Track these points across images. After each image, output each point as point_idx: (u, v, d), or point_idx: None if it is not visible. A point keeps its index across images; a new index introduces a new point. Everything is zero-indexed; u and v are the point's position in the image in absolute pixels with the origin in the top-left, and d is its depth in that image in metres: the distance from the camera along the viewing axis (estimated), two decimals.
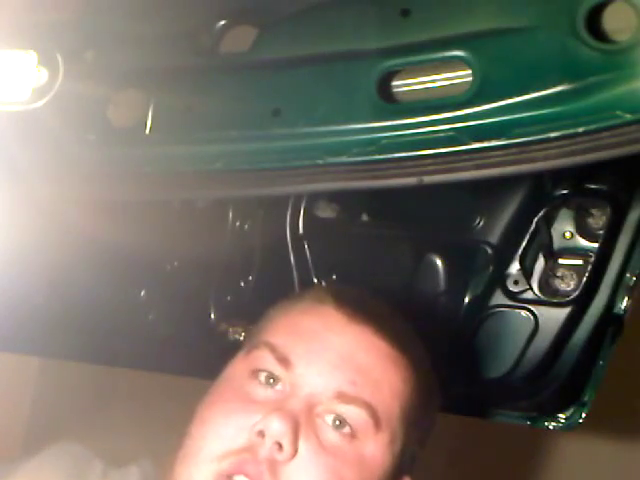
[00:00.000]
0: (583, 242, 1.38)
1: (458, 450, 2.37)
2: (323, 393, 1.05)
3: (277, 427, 1.00)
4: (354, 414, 1.04)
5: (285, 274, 1.55)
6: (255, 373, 1.08)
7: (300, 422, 1.02)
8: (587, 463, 2.40)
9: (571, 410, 1.33)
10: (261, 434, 1.01)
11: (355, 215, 1.54)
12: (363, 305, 1.13)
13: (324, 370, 1.06)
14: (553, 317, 1.38)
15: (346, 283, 1.51)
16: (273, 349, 1.08)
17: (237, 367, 1.12)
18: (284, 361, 1.07)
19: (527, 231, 1.40)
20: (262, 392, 1.06)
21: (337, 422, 1.04)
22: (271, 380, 1.07)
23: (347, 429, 1.04)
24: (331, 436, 1.04)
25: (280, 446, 1.00)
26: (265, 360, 1.08)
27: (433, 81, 1.15)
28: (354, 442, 1.04)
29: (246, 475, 1.00)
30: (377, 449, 1.06)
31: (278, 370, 1.06)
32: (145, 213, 1.52)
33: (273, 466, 1.00)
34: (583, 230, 1.38)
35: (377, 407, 1.05)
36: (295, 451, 1.01)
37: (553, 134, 0.99)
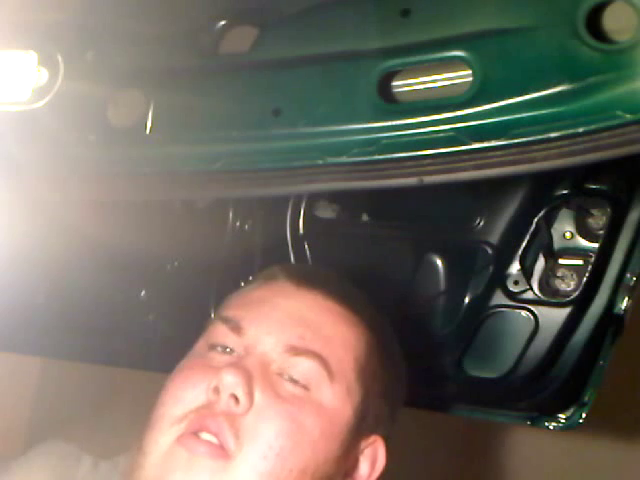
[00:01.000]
0: (583, 242, 1.38)
1: (459, 450, 2.37)
2: (274, 349, 1.08)
3: (230, 379, 1.03)
4: (306, 365, 1.07)
5: None
6: (213, 346, 1.12)
7: (254, 375, 1.05)
8: (587, 463, 2.40)
9: (571, 410, 1.33)
10: (216, 390, 1.04)
11: (355, 215, 1.54)
12: (313, 274, 1.19)
13: (273, 328, 1.09)
14: (553, 317, 1.38)
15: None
16: (226, 320, 1.12)
17: (199, 344, 1.16)
18: (236, 329, 1.10)
19: (527, 231, 1.40)
20: (220, 359, 1.10)
21: (291, 375, 1.07)
22: (227, 349, 1.11)
23: (301, 380, 1.07)
24: (287, 387, 1.06)
25: (236, 399, 1.03)
26: (220, 332, 1.12)
27: (433, 81, 1.15)
28: (310, 392, 1.07)
29: (207, 430, 1.02)
30: (334, 399, 1.08)
31: (232, 338, 1.11)
32: (145, 213, 1.52)
33: (232, 418, 1.03)
34: (583, 230, 1.38)
35: (328, 358, 1.08)
36: (251, 403, 1.04)
37: (553, 134, 0.99)
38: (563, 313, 1.37)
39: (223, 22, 1.23)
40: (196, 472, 1.01)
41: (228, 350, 1.10)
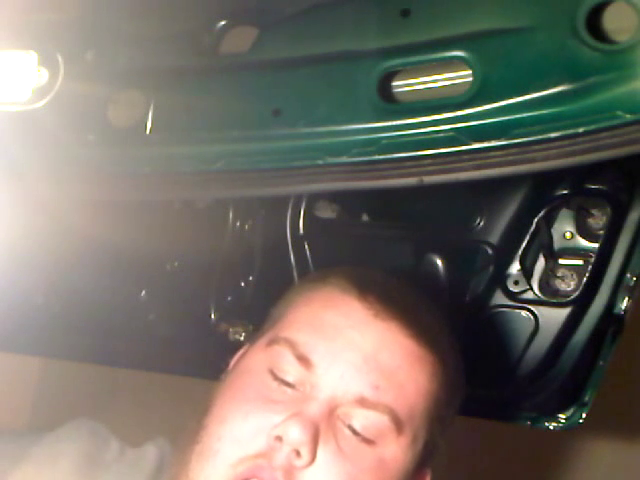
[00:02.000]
0: (583, 242, 1.38)
1: (458, 450, 2.37)
2: (344, 397, 1.01)
3: (296, 435, 0.97)
4: (375, 420, 1.01)
5: (285, 274, 1.55)
6: (274, 370, 1.04)
7: (320, 428, 0.99)
8: (587, 463, 2.40)
9: (571, 410, 1.33)
10: (279, 439, 0.98)
11: (355, 215, 1.54)
12: (388, 296, 1.07)
13: (346, 373, 1.02)
14: (553, 317, 1.38)
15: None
16: (293, 346, 1.04)
17: (256, 360, 1.08)
18: (304, 360, 1.03)
19: (527, 231, 1.40)
20: (281, 391, 1.03)
21: (357, 428, 1.01)
22: (291, 379, 1.03)
23: (367, 435, 1.01)
24: (350, 441, 1.00)
25: (298, 453, 0.98)
26: (285, 358, 1.04)
27: (433, 81, 1.15)
28: (374, 447, 1.01)
29: None
30: (398, 452, 1.03)
31: (298, 369, 1.03)
32: (145, 213, 1.52)
33: (289, 472, 0.98)
34: (583, 230, 1.38)
35: (400, 411, 1.02)
36: (313, 459, 0.98)
37: (553, 134, 0.99)
38: (563, 313, 1.37)
39: (223, 22, 1.23)
40: None
41: (292, 380, 1.03)
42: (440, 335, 1.10)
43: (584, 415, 1.32)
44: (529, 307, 1.40)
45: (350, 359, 1.02)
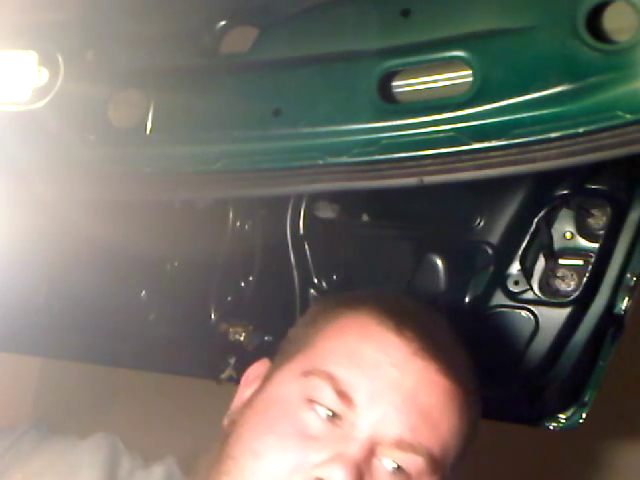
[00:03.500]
0: (583, 242, 1.38)
1: None
2: (383, 438, 1.01)
3: (341, 479, 0.96)
4: (412, 460, 1.02)
5: (286, 274, 1.55)
6: (312, 403, 1.03)
7: (362, 471, 0.99)
8: (587, 463, 2.40)
9: (571, 410, 1.33)
10: None
11: (356, 215, 1.54)
12: (424, 332, 1.08)
13: (387, 414, 1.02)
14: (553, 317, 1.38)
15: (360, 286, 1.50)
16: (334, 381, 1.03)
17: (290, 389, 1.06)
18: (345, 397, 1.02)
19: (527, 231, 1.40)
20: (319, 426, 1.02)
21: (395, 468, 1.02)
22: (330, 414, 1.02)
23: (404, 475, 1.02)
24: (387, 478, 1.01)
25: None
26: (324, 392, 1.03)
27: (433, 81, 1.15)
28: None
29: None
30: None
31: (338, 405, 1.02)
32: (145, 213, 1.52)
33: None
34: (583, 230, 1.37)
35: (435, 450, 1.04)
36: None
37: (553, 134, 0.99)
38: (563, 313, 1.37)
39: (223, 22, 1.23)
40: None
41: (331, 415, 1.02)
42: (469, 373, 1.13)
43: (584, 415, 1.32)
44: (529, 307, 1.40)
45: (391, 400, 1.03)
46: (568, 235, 1.39)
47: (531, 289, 1.40)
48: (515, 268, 1.41)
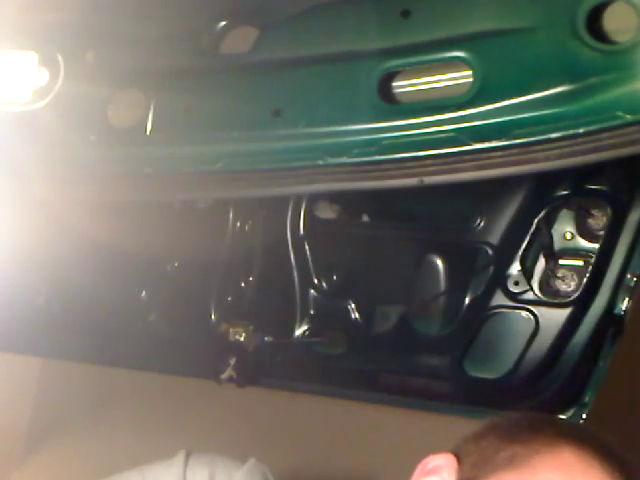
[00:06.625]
0: (584, 243, 1.38)
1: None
2: None
3: None
4: None
5: (286, 274, 1.55)
6: None
7: None
8: None
9: (571, 410, 1.33)
10: None
11: (356, 216, 1.54)
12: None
13: None
14: (554, 318, 1.38)
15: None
16: None
17: None
18: None
19: (528, 232, 1.40)
20: None
21: None
22: None
23: None
24: None
25: None
26: None
27: (434, 82, 1.15)
28: None
29: None
30: None
31: None
32: (146, 214, 1.52)
33: None
34: (584, 231, 1.37)
35: None
36: None
37: (554, 135, 0.99)
38: (563, 313, 1.37)
39: (224, 23, 1.23)
40: None
41: None
42: None
43: (584, 415, 1.32)
44: (529, 307, 1.40)
45: None
46: (568, 235, 1.39)
47: (531, 289, 1.40)
48: (515, 268, 1.41)
